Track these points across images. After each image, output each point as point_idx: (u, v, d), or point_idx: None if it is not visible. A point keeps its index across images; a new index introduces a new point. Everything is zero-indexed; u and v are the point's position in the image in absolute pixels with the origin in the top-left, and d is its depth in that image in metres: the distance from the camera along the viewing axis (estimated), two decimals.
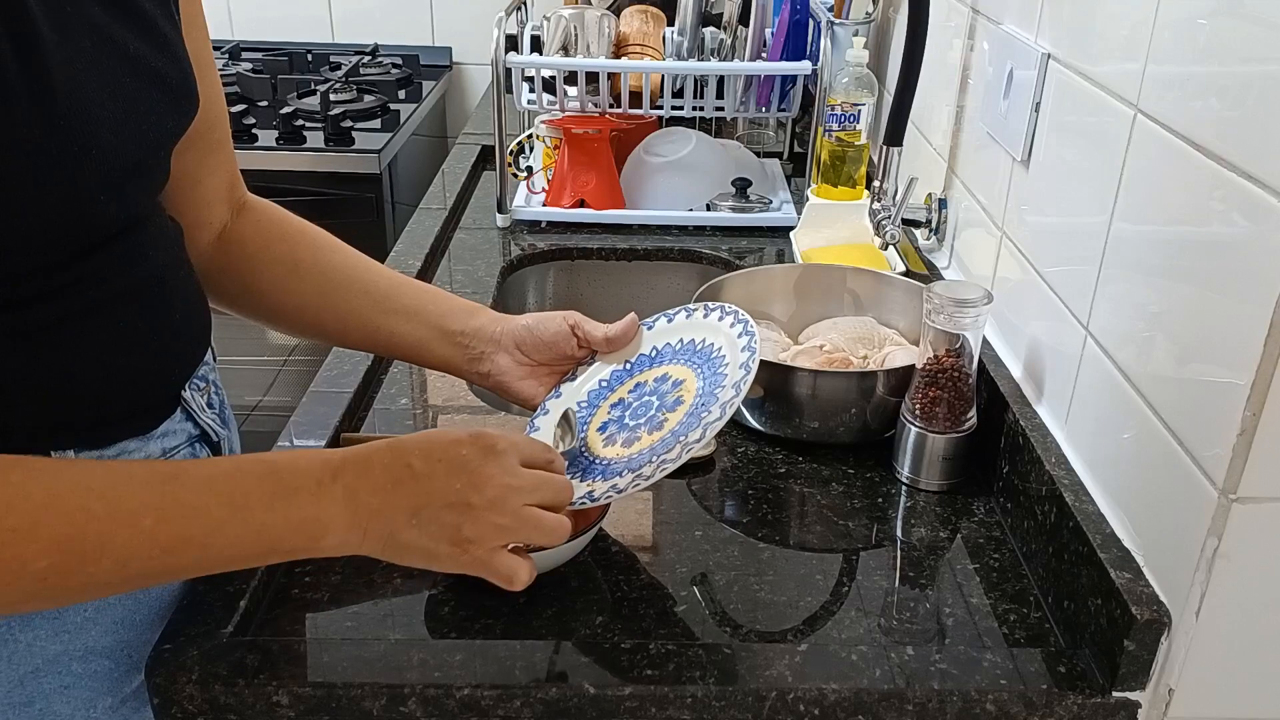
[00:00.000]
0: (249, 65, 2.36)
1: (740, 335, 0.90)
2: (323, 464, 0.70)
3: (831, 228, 1.45)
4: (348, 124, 2.08)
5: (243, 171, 0.93)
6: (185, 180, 0.85)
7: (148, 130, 0.72)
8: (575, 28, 1.65)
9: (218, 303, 0.91)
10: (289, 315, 0.94)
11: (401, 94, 2.34)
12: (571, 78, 1.60)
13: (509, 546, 0.73)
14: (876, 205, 1.27)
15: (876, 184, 1.27)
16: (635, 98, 1.62)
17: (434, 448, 0.72)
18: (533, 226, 1.57)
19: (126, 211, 0.73)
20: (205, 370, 0.85)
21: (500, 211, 1.56)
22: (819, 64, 1.55)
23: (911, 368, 0.99)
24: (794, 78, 1.65)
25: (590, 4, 1.93)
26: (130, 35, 0.70)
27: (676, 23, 1.69)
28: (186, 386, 0.81)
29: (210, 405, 0.85)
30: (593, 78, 1.60)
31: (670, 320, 0.97)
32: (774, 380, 1.02)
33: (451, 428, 0.73)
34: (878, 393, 1.01)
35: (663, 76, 1.60)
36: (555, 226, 1.57)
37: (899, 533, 0.93)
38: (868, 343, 1.14)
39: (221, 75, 2.41)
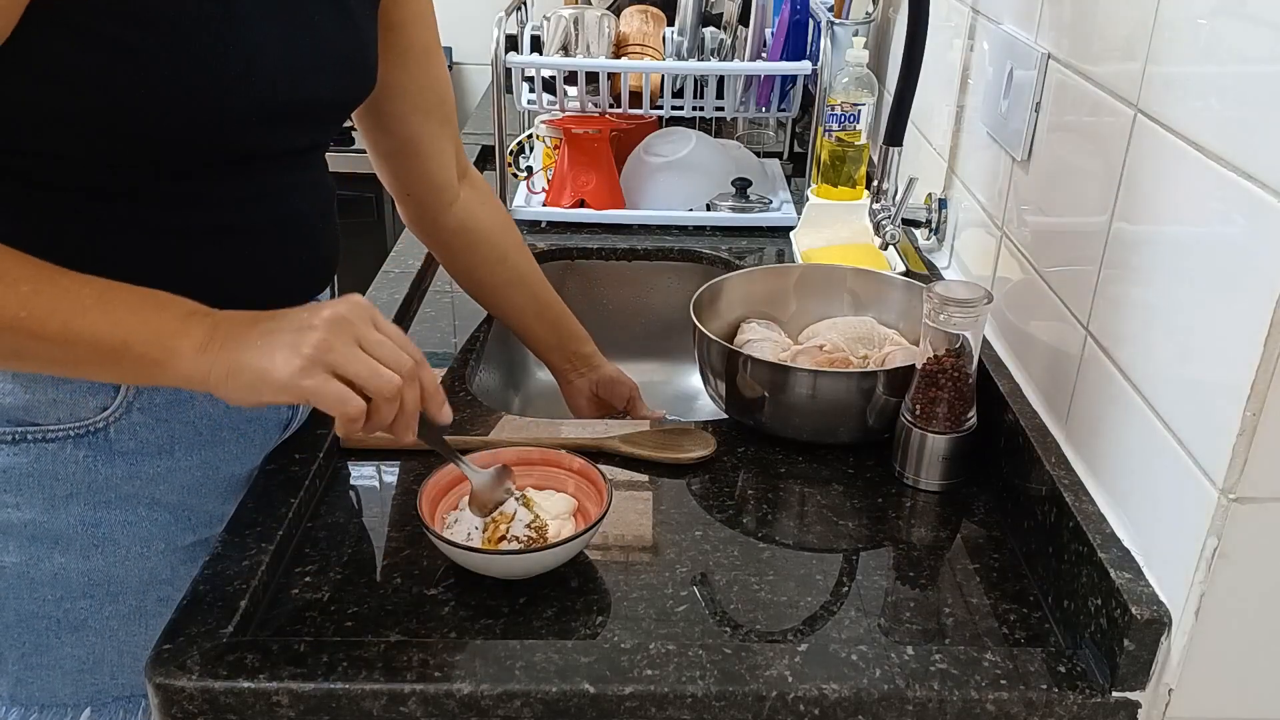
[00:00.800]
0: None
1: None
2: (198, 304, 0.75)
3: (831, 228, 1.45)
4: (348, 124, 2.08)
5: None
6: (421, 146, 1.06)
7: (315, 85, 0.83)
8: (575, 28, 1.65)
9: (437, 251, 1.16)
10: (480, 289, 1.19)
11: None
12: (571, 78, 1.60)
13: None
14: (876, 205, 1.27)
15: (876, 184, 1.27)
16: (635, 98, 1.62)
17: (293, 308, 0.76)
18: (533, 226, 1.57)
19: (279, 148, 0.85)
20: (323, 298, 0.94)
21: None
22: (819, 64, 1.55)
23: (911, 368, 0.99)
24: (794, 78, 1.65)
25: (590, 4, 1.94)
26: (317, 7, 0.83)
27: (676, 23, 1.69)
28: None
29: None
30: (593, 78, 1.60)
31: None
32: (773, 380, 1.02)
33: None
34: (877, 393, 1.01)
35: (663, 76, 1.60)
36: (555, 226, 1.57)
37: (899, 533, 0.93)
38: (868, 343, 1.14)
39: None
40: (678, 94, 1.67)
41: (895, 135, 1.21)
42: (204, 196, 0.81)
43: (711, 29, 1.73)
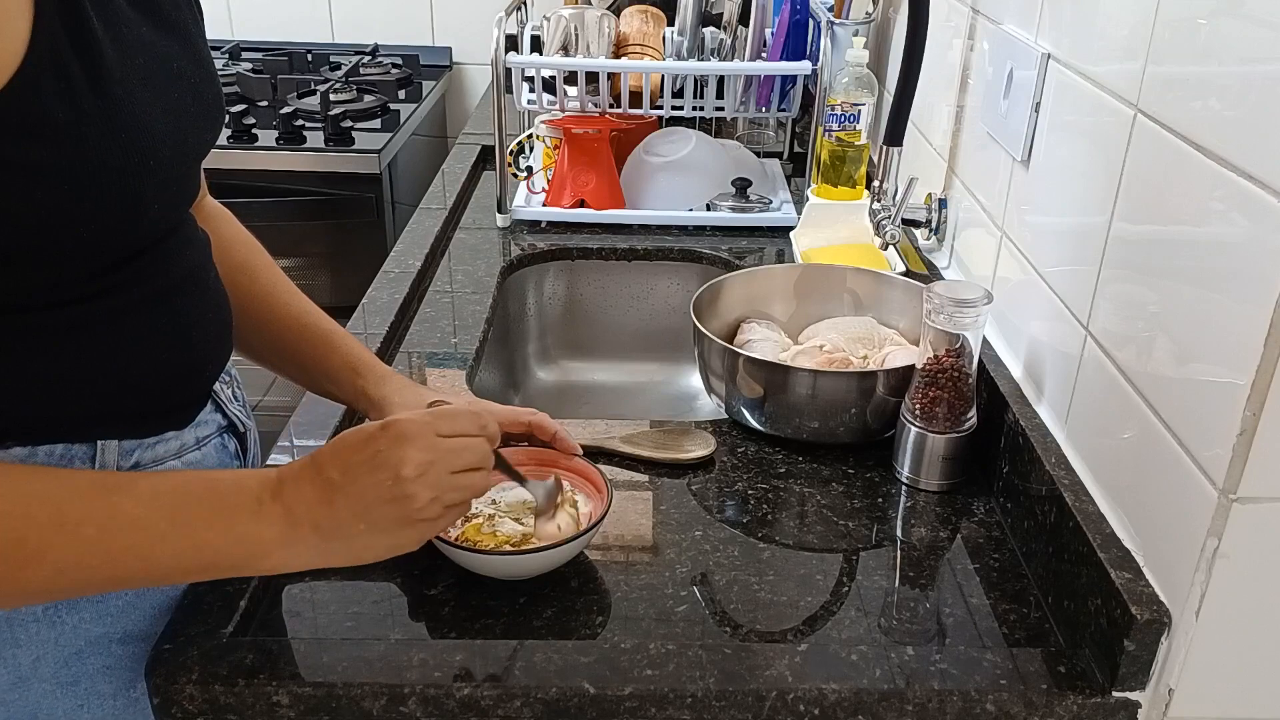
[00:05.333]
0: (249, 65, 2.36)
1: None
2: (261, 483, 0.71)
3: (831, 228, 1.45)
4: (348, 124, 2.08)
5: (243, 171, 0.95)
6: None
7: (192, 142, 0.77)
8: (575, 28, 1.65)
9: None
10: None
11: (401, 94, 2.34)
12: (571, 78, 1.60)
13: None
14: (876, 205, 1.27)
15: (876, 184, 1.27)
16: (635, 98, 1.62)
17: (347, 451, 0.71)
18: (533, 226, 1.57)
19: (172, 217, 0.78)
20: (229, 365, 0.89)
21: (500, 211, 1.56)
22: (819, 64, 1.55)
23: (911, 368, 0.99)
24: (794, 78, 1.65)
25: (590, 4, 1.94)
26: (174, 52, 0.74)
27: (676, 23, 1.69)
28: (218, 380, 0.86)
29: (235, 398, 0.90)
30: (593, 78, 1.60)
31: None
32: (773, 380, 1.02)
33: (365, 424, 0.73)
34: (878, 393, 1.01)
35: (663, 76, 1.60)
36: (555, 226, 1.57)
37: (899, 533, 0.93)
38: (867, 343, 1.14)
39: (221, 75, 2.40)
40: (678, 94, 1.67)
41: (895, 135, 1.21)
42: (115, 285, 0.73)
43: (711, 29, 1.73)
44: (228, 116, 2.01)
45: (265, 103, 2.22)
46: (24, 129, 0.61)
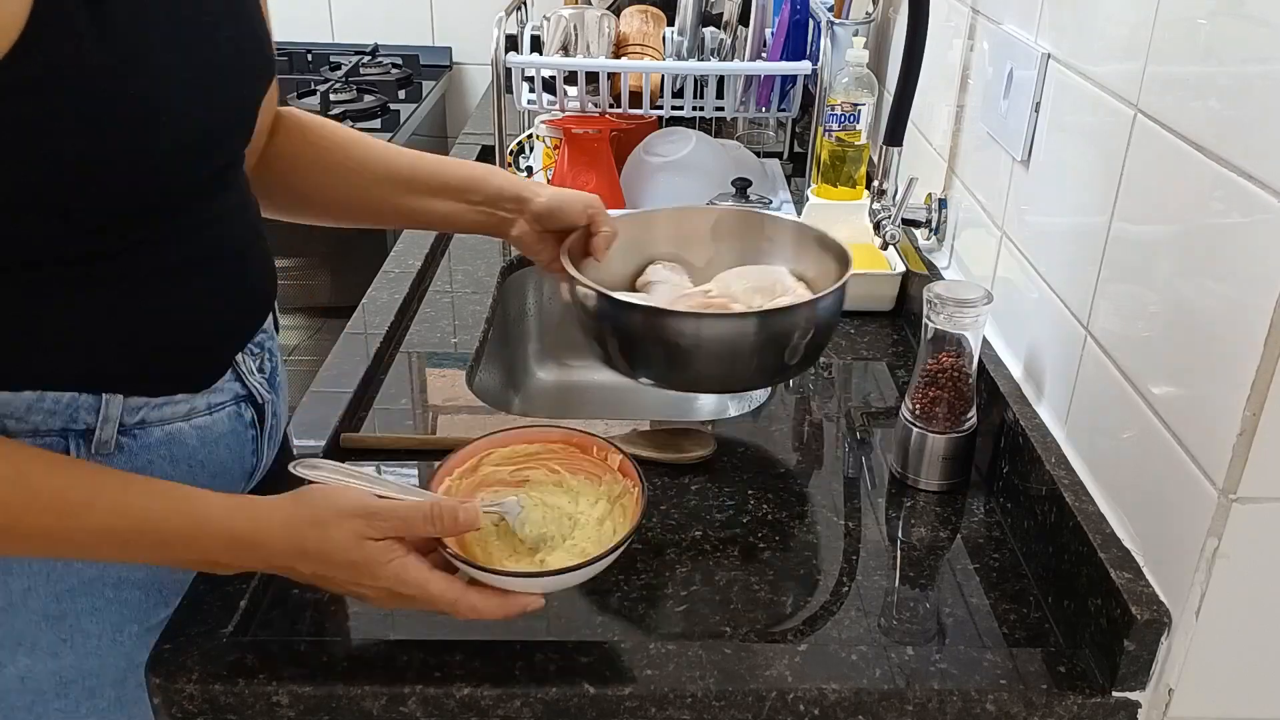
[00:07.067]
0: None
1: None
2: (228, 545, 0.72)
3: (831, 228, 1.44)
4: (348, 124, 2.08)
5: None
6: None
7: (222, 97, 0.76)
8: (575, 28, 1.65)
9: (270, 211, 0.94)
10: (332, 211, 1.00)
11: (401, 94, 2.34)
12: (571, 78, 1.60)
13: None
14: (876, 205, 1.27)
15: (876, 184, 1.27)
16: (635, 98, 1.62)
17: (327, 559, 0.72)
18: None
19: (202, 174, 0.77)
20: (263, 338, 0.89)
21: None
22: (819, 64, 1.55)
23: (792, 309, 0.93)
24: (794, 78, 1.65)
25: (590, 4, 1.93)
26: (208, 5, 0.74)
27: (676, 23, 1.69)
28: (241, 351, 0.85)
29: (261, 370, 0.88)
30: (593, 78, 1.60)
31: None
32: (646, 325, 0.93)
33: (341, 529, 0.71)
34: (757, 336, 0.92)
35: (663, 76, 1.60)
36: None
37: (899, 533, 0.93)
38: (768, 293, 1.03)
39: None
40: (678, 94, 1.67)
41: (895, 135, 1.21)
42: (136, 244, 0.74)
43: (711, 29, 1.73)
44: None
45: None
46: (30, 84, 0.61)
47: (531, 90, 1.67)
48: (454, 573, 0.73)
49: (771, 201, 1.60)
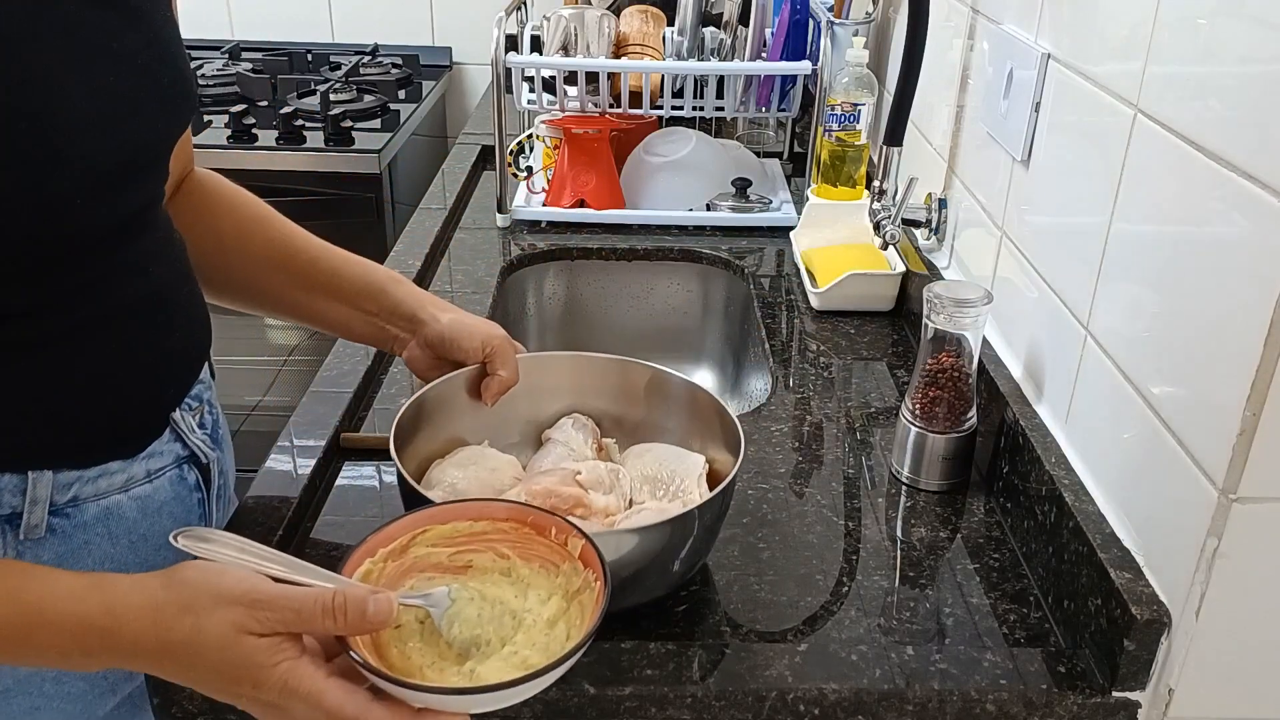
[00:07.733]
0: (249, 65, 2.36)
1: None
2: (78, 633, 0.59)
3: (831, 228, 1.45)
4: (348, 124, 2.08)
5: (243, 171, 0.94)
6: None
7: (136, 132, 0.68)
8: (575, 28, 1.65)
9: None
10: (213, 284, 0.88)
11: (401, 94, 2.34)
12: (571, 78, 1.60)
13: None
14: (876, 205, 1.27)
15: (876, 184, 1.27)
16: (635, 98, 1.62)
17: (197, 656, 0.59)
18: (533, 226, 1.57)
19: (116, 218, 0.68)
20: (200, 389, 0.82)
21: (500, 211, 1.56)
22: (819, 64, 1.55)
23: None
24: (794, 78, 1.65)
25: (590, 4, 1.93)
26: (121, 34, 0.67)
27: (676, 23, 1.69)
28: (178, 408, 0.79)
29: (202, 425, 0.82)
30: (593, 78, 1.60)
31: None
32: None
33: (215, 618, 0.57)
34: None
35: (663, 76, 1.60)
36: (555, 226, 1.57)
37: (899, 533, 0.93)
38: (662, 486, 0.86)
39: (221, 75, 2.39)
40: (678, 94, 1.67)
41: (895, 135, 1.21)
42: (47, 300, 0.65)
43: (711, 29, 1.73)
44: (228, 116, 2.02)
45: (265, 103, 2.22)
46: None
47: (531, 90, 1.67)
48: (362, 682, 0.59)
49: (771, 201, 1.60)
